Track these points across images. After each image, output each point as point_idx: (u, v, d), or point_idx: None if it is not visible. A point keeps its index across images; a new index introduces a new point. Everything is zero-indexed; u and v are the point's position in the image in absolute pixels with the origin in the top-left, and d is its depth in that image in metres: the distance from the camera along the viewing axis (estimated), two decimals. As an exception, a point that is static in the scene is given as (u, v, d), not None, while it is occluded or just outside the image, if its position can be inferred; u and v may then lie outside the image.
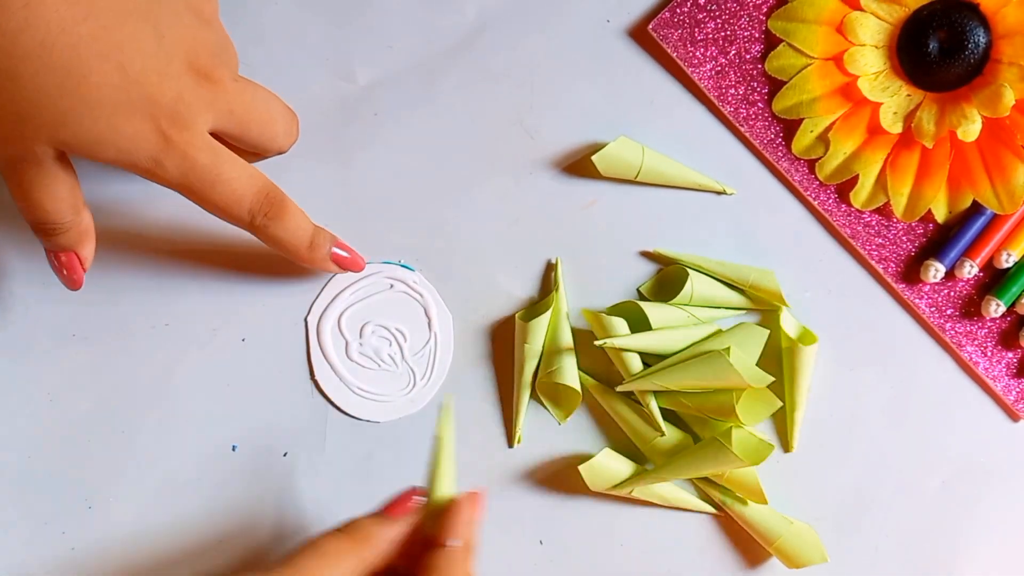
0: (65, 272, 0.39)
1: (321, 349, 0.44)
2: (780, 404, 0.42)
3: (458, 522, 0.37)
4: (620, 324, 0.42)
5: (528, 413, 0.44)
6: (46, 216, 0.36)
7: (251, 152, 0.39)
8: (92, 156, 0.34)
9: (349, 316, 0.44)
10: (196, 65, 0.35)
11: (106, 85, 0.33)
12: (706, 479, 0.44)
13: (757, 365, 0.42)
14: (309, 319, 0.44)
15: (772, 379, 0.42)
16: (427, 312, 0.44)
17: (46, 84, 0.32)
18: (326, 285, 0.44)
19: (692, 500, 0.44)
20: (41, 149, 0.34)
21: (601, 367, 0.44)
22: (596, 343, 0.42)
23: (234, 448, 0.44)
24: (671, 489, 0.44)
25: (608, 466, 0.43)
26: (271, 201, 0.38)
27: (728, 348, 0.41)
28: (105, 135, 0.34)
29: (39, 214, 0.36)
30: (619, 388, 0.42)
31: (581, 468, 0.42)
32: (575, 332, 0.44)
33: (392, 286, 0.44)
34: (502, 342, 0.45)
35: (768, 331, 0.43)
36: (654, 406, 0.43)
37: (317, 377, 0.44)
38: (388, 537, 0.37)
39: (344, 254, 0.42)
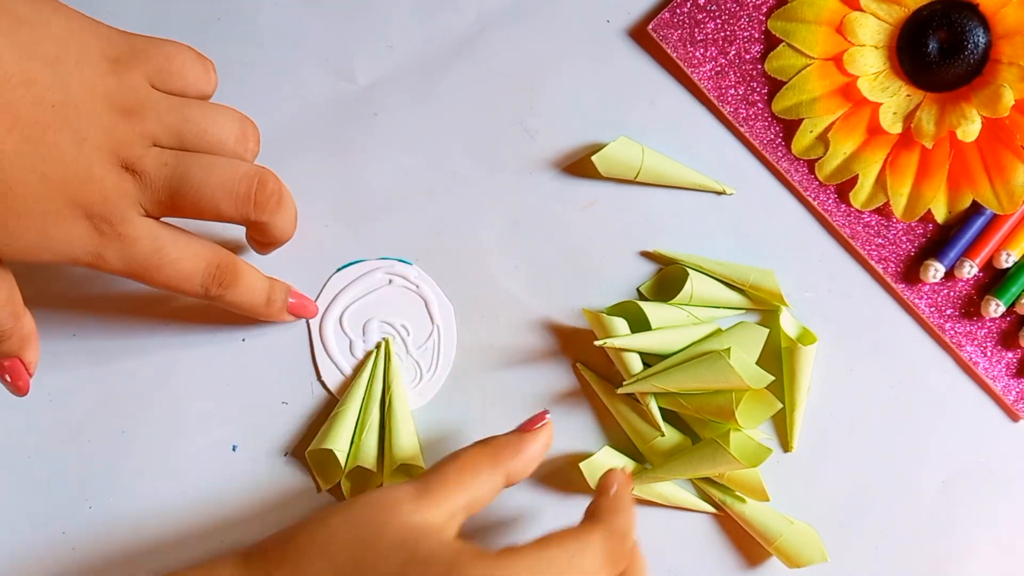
0: (9, 379, 0.39)
1: (325, 349, 0.44)
2: (780, 406, 0.42)
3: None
4: (620, 324, 0.42)
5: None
6: None
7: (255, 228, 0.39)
8: (28, 261, 0.35)
9: (351, 314, 0.44)
10: (119, 159, 0.35)
11: (30, 196, 0.33)
12: (706, 478, 0.44)
13: (757, 365, 0.42)
14: (311, 320, 0.44)
15: (772, 378, 0.42)
16: (427, 305, 0.44)
17: None
18: (325, 286, 0.44)
19: (692, 500, 0.44)
20: None
21: (602, 366, 0.44)
22: (596, 343, 0.42)
23: (234, 448, 0.44)
24: (671, 489, 0.43)
25: (609, 464, 0.43)
26: (223, 271, 0.38)
27: (728, 349, 0.41)
28: (36, 241, 0.34)
29: None
30: (619, 390, 0.42)
31: (582, 465, 0.42)
32: (578, 332, 0.44)
33: (391, 281, 0.44)
34: (503, 344, 0.45)
35: (768, 330, 0.43)
36: (654, 407, 0.43)
37: (324, 378, 0.44)
38: (526, 447, 0.37)
39: (296, 302, 0.43)
